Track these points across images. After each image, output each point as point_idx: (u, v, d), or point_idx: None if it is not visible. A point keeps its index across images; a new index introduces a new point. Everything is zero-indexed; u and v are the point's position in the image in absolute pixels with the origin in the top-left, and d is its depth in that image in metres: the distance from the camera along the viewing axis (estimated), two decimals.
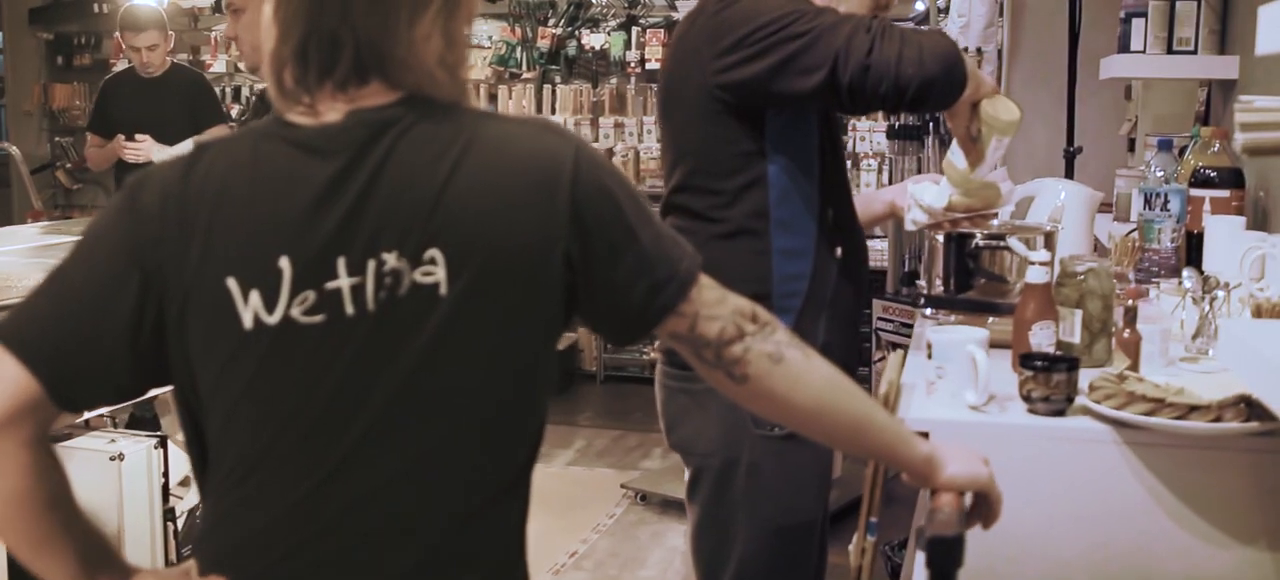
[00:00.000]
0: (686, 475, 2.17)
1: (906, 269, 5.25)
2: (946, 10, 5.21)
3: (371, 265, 1.21)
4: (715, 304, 1.34)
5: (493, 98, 6.51)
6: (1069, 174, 3.68)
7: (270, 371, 1.23)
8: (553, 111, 6.64)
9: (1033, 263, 2.03)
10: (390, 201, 1.22)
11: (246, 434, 1.26)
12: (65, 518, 1.28)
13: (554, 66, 6.61)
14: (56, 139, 7.75)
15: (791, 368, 1.36)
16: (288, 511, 1.25)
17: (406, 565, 1.26)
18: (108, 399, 1.31)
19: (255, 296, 1.22)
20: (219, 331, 1.23)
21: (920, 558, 1.56)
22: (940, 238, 2.35)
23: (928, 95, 1.88)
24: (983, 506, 1.47)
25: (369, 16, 1.24)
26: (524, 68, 6.55)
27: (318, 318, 1.22)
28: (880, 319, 5.45)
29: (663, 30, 6.46)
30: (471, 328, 1.23)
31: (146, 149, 4.89)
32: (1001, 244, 2.37)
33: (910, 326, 5.08)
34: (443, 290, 1.22)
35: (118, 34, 5.35)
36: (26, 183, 6.11)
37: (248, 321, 1.22)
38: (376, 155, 1.23)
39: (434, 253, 1.22)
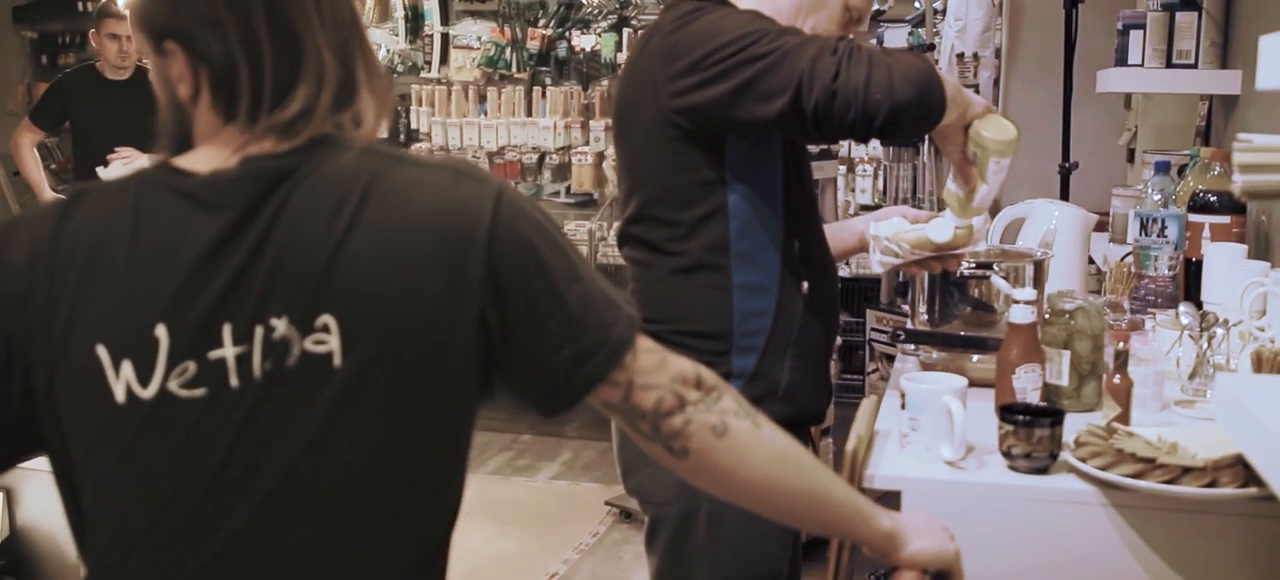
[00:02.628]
0: (645, 524, 2.03)
1: (901, 279, 5.12)
2: (943, 11, 5.08)
3: (259, 332, 1.09)
4: (653, 371, 1.21)
5: (482, 99, 6.38)
6: (1064, 189, 3.53)
7: (145, 448, 1.10)
8: (543, 113, 6.51)
9: (1017, 301, 1.90)
10: (280, 262, 1.09)
11: (122, 512, 1.12)
12: None
13: (544, 68, 6.47)
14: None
15: (737, 440, 1.23)
16: None
17: None
18: None
19: (127, 367, 1.09)
20: (89, 403, 1.10)
21: None
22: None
23: (899, 122, 1.73)
24: None
25: (264, 42, 1.12)
26: (514, 69, 6.42)
27: (199, 391, 1.09)
28: (874, 330, 5.32)
29: None
30: (371, 401, 1.10)
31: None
32: (986, 273, 2.23)
33: None
34: (336, 361, 1.09)
35: (96, 25, 5.13)
36: (3, 185, 5.99)
37: (119, 395, 1.09)
38: (269, 209, 1.10)
39: (327, 319, 1.09)
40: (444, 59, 6.43)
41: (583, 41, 6.50)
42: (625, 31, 6.43)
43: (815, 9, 1.94)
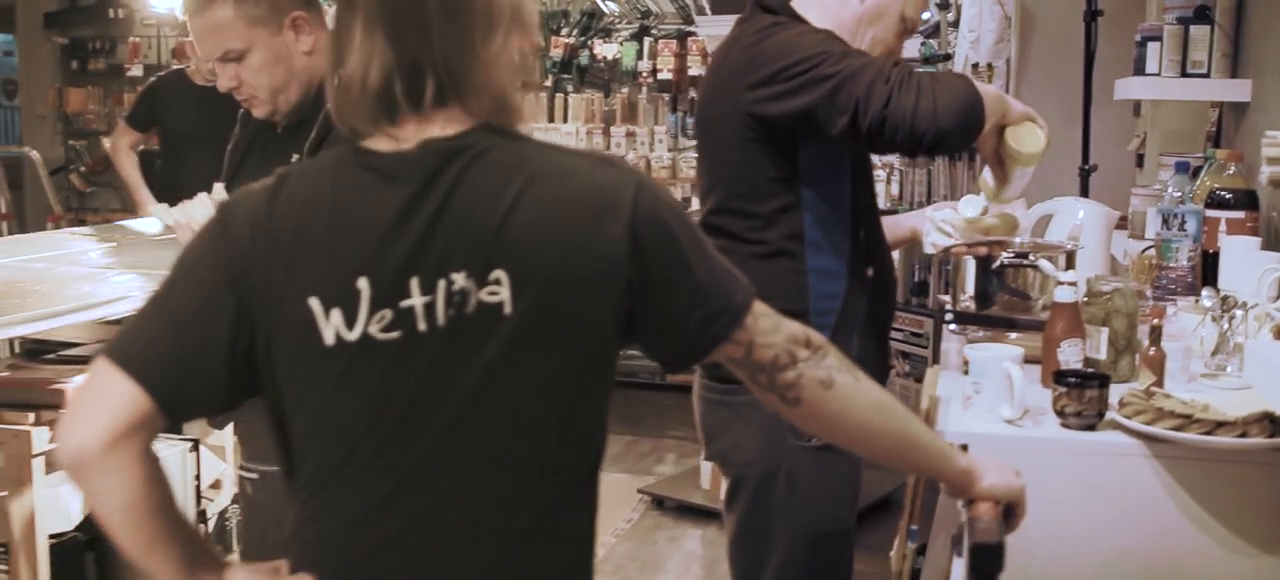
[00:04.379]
0: (724, 485, 2.25)
1: (916, 279, 5.34)
2: (957, 23, 5.30)
3: (442, 284, 1.30)
4: (769, 332, 1.42)
5: None
6: (1084, 191, 3.77)
7: (350, 384, 1.32)
8: (565, 120, 6.72)
9: (1061, 282, 2.12)
10: (458, 225, 1.31)
11: (327, 443, 1.35)
12: (171, 521, 1.36)
13: (566, 76, 6.68)
14: (70, 142, 7.82)
15: (841, 392, 1.44)
16: (364, 515, 1.34)
17: (485, 567, 1.34)
18: (209, 411, 1.40)
19: (336, 315, 1.31)
20: (303, 348, 1.32)
21: (958, 564, 1.65)
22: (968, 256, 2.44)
23: (943, 144, 1.97)
24: (1011, 515, 1.56)
25: (446, 40, 1.32)
26: (536, 76, 6.63)
27: (394, 334, 1.30)
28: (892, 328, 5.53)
29: (675, 41, 6.54)
30: (533, 345, 1.32)
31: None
32: (1026, 262, 2.46)
33: (920, 336, 5.18)
34: (507, 309, 1.30)
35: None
36: (46, 186, 6.17)
37: (329, 338, 1.31)
38: (446, 181, 1.31)
39: (499, 274, 1.30)
40: None
41: (604, 50, 6.70)
42: (646, 40, 6.62)
43: (875, 21, 2.18)
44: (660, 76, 6.56)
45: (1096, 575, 1.88)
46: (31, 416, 3.07)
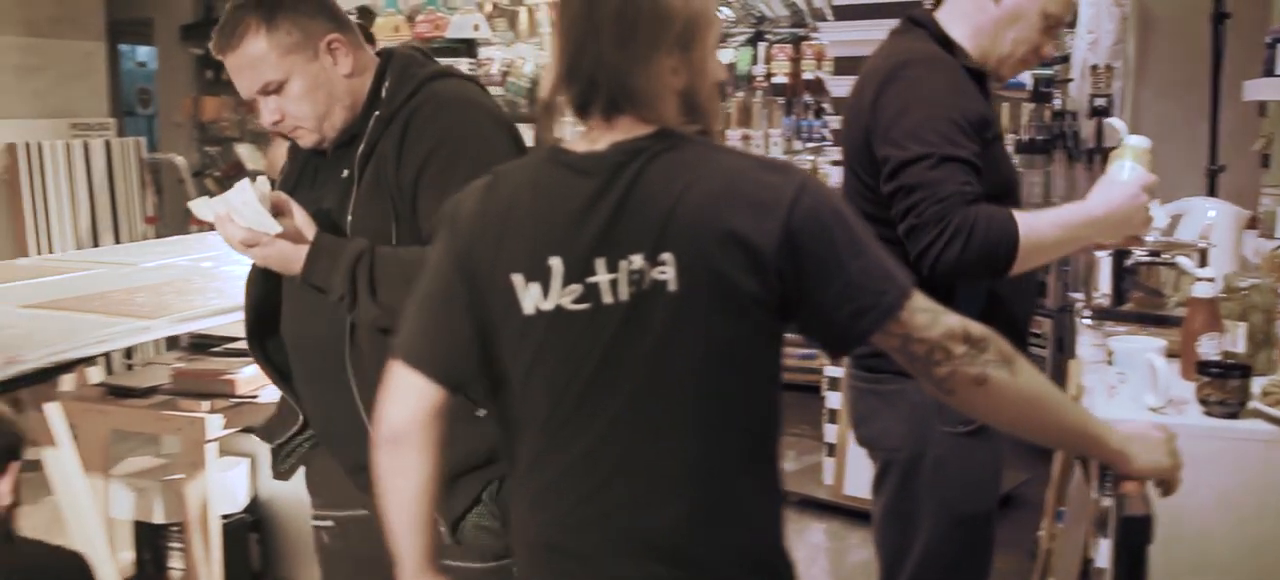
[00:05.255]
0: (873, 469, 2.37)
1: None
2: (1074, 24, 5.33)
3: (623, 264, 1.48)
4: (925, 327, 1.53)
5: None
6: (1212, 191, 3.81)
7: (548, 350, 1.52)
8: None
9: (1199, 278, 2.21)
10: (636, 214, 1.48)
11: (532, 404, 1.55)
12: (432, 509, 1.60)
13: None
14: (205, 149, 8.17)
15: (995, 388, 1.54)
16: (572, 465, 1.53)
17: (674, 517, 1.51)
18: (475, 387, 1.62)
19: (534, 288, 1.51)
20: (509, 319, 1.53)
21: (1104, 544, 1.75)
22: (1101, 254, 2.54)
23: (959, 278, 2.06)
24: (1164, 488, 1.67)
25: (614, 57, 1.50)
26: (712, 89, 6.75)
27: (583, 306, 1.50)
28: None
29: (789, 45, 6.63)
30: (695, 321, 1.48)
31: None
32: (1160, 260, 2.55)
33: (1039, 335, 5.23)
34: (671, 287, 1.47)
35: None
36: (190, 189, 6.48)
37: (528, 308, 1.51)
38: (627, 177, 1.49)
39: (667, 256, 1.47)
40: None
41: (720, 55, 6.78)
42: (761, 45, 6.72)
43: (1013, 22, 2.26)
44: (774, 80, 6.65)
45: (1237, 557, 1.97)
46: (206, 404, 3.30)
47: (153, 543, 3.70)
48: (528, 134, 1.97)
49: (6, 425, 2.22)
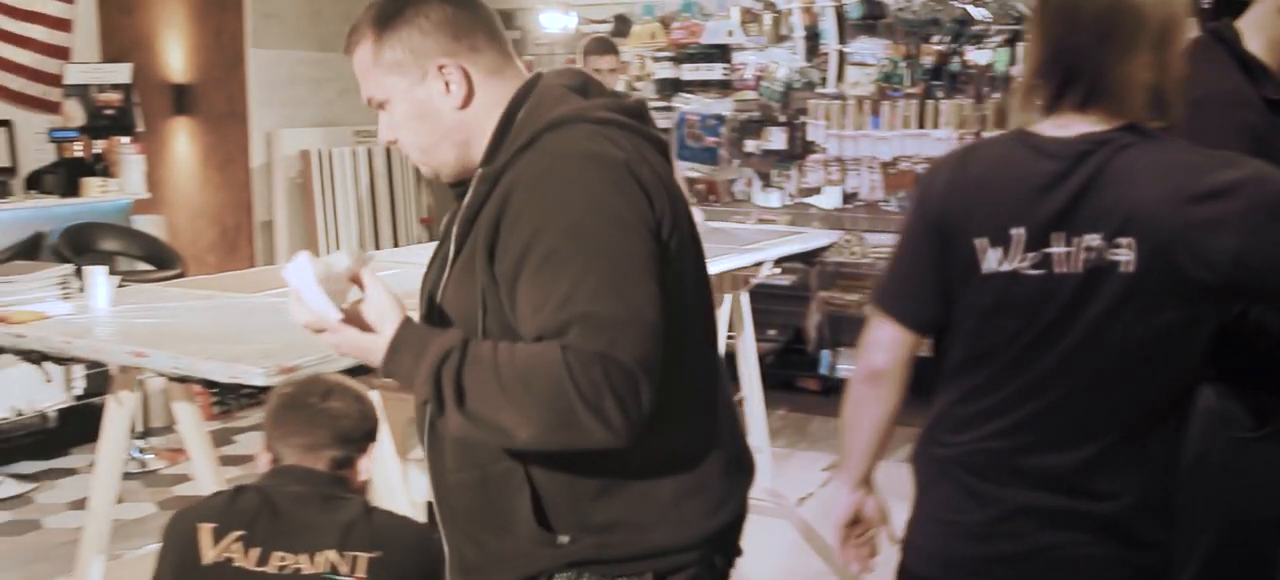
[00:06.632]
0: None
1: None
2: None
3: (1078, 240, 1.65)
4: None
5: (875, 112, 6.77)
6: None
7: (999, 306, 1.73)
8: (935, 126, 6.82)
9: None
10: (1098, 199, 1.64)
11: (978, 346, 1.78)
12: None
13: (937, 82, 6.78)
14: None
15: None
16: (1001, 401, 1.75)
17: (1085, 457, 1.72)
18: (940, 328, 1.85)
19: (995, 252, 1.71)
20: (968, 278, 1.74)
21: None
22: None
23: None
24: None
25: (1095, 53, 1.67)
26: (907, 83, 6.76)
27: (1038, 272, 1.69)
28: None
29: None
30: (1143, 301, 1.64)
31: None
32: None
33: None
34: (1126, 268, 1.64)
35: (582, 60, 5.42)
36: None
37: (987, 267, 1.72)
38: (1092, 165, 1.66)
39: (1126, 240, 1.63)
40: (840, 75, 6.83)
41: (976, 56, 6.75)
42: (1018, 45, 6.63)
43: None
44: None
45: None
46: None
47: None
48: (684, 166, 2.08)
49: (368, 408, 2.43)
